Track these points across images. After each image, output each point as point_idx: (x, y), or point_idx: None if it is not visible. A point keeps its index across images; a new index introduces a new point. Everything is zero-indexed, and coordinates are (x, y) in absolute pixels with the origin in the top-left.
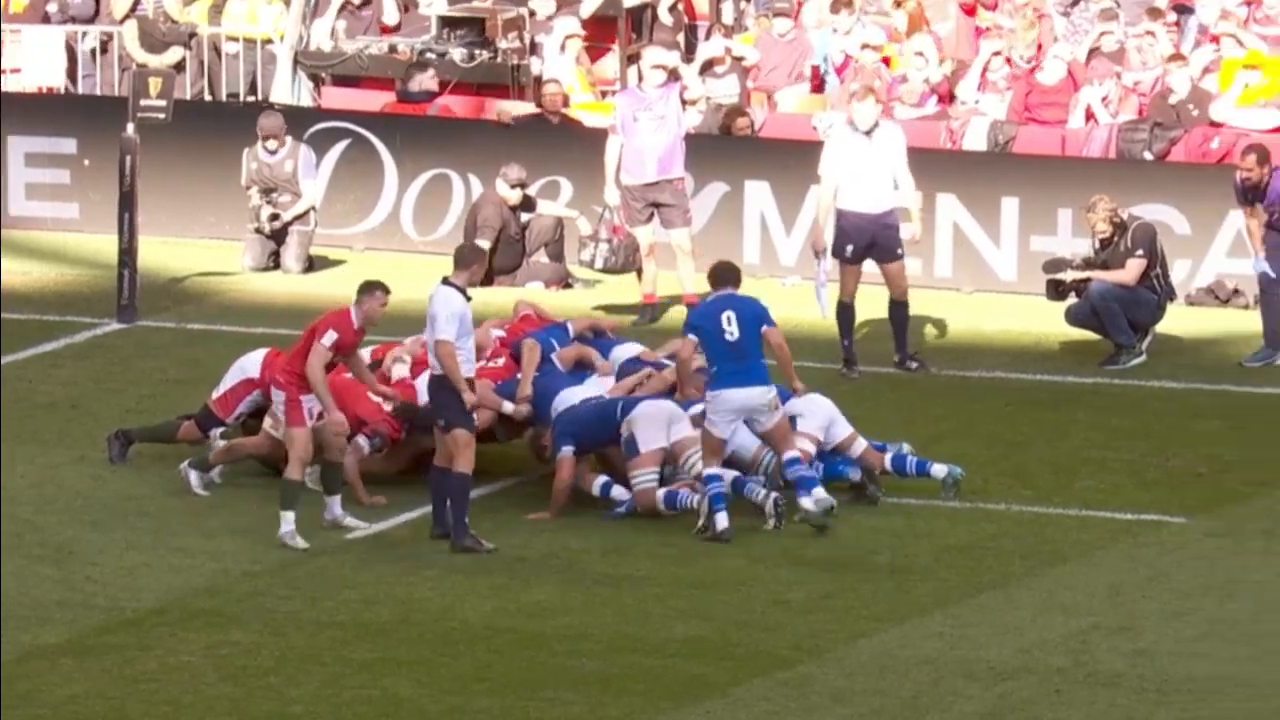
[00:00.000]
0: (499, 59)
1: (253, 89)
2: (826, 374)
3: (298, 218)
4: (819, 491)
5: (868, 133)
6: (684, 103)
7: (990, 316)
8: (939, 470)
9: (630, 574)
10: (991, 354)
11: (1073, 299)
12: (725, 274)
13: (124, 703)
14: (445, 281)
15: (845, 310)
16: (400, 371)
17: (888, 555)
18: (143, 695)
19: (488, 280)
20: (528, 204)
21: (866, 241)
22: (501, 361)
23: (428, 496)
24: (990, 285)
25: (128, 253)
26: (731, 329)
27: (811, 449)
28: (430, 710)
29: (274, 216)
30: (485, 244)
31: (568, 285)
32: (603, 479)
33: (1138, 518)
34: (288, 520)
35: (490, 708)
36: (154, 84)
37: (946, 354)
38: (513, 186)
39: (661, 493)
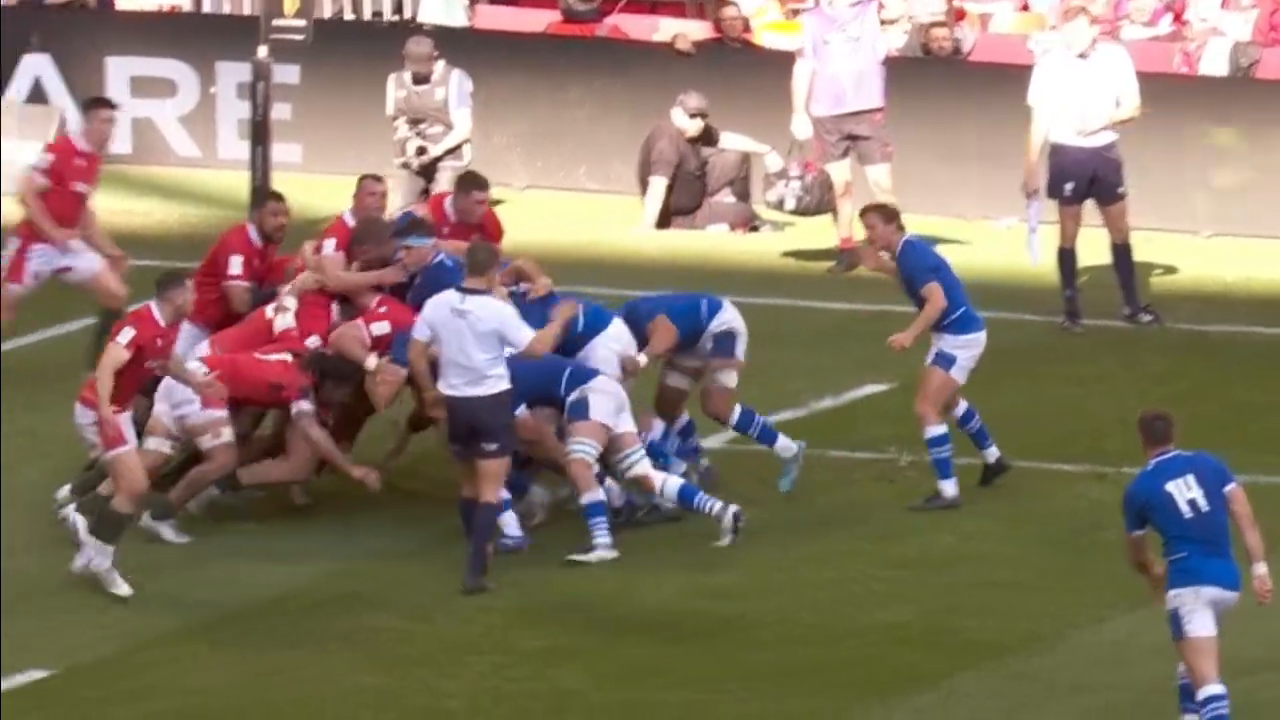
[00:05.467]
0: None
1: (399, 8)
2: (1044, 328)
3: (449, 152)
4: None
5: (1083, 56)
6: (882, 22)
7: (1233, 262)
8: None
9: (829, 553)
10: (1235, 305)
11: None
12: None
13: (259, 696)
14: (466, 290)
15: (1067, 257)
16: (284, 321)
17: (1116, 531)
18: (280, 687)
19: (664, 222)
20: (709, 137)
21: (1087, 178)
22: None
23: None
24: (1232, 228)
25: (261, 192)
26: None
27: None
28: (601, 705)
29: (421, 150)
30: (662, 180)
31: (754, 228)
32: (504, 494)
33: None
34: (105, 554)
35: (669, 702)
36: (290, 2)
37: (1183, 305)
38: (691, 116)
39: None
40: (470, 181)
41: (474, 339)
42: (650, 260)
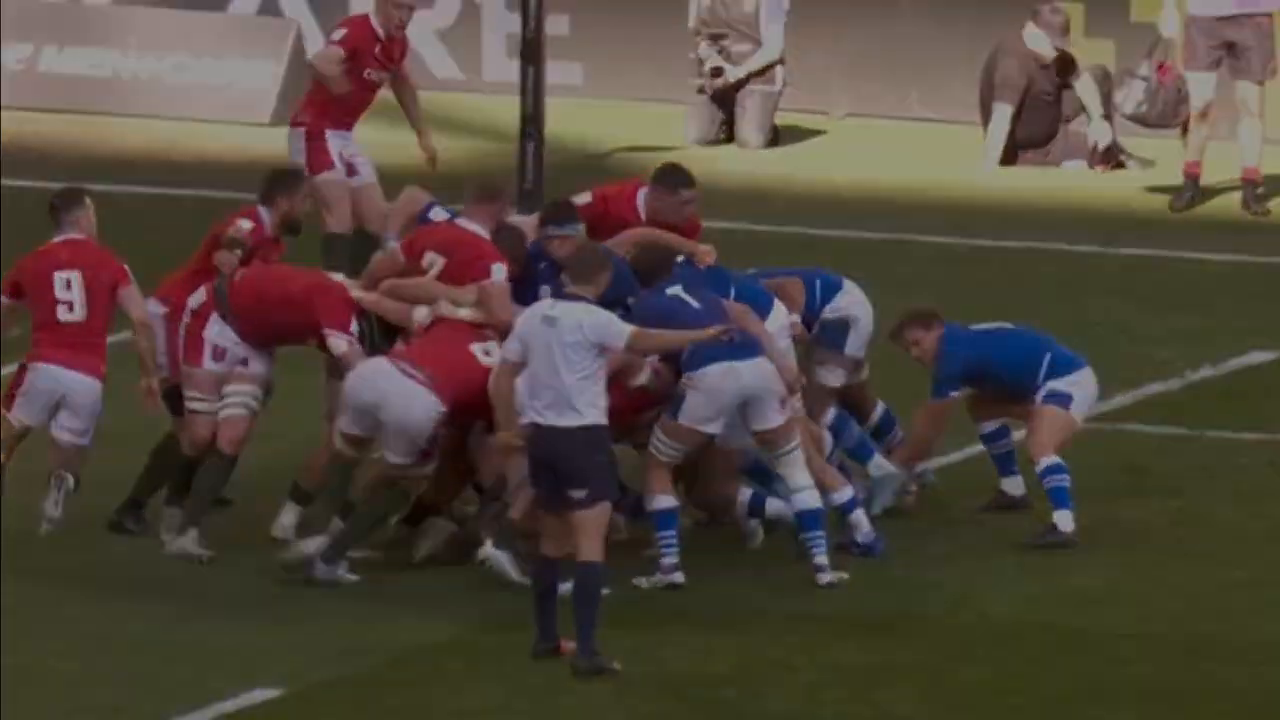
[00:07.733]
0: None
1: None
2: None
3: (755, 74)
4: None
5: None
6: None
7: None
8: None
9: (1208, 552)
10: None
11: None
12: None
13: (531, 719)
14: (567, 296)
15: None
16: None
17: None
18: (557, 710)
19: (1010, 157)
20: (1066, 64)
21: None
22: None
23: None
24: None
25: (532, 120)
26: None
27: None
28: None
29: (716, 71)
30: (1007, 108)
31: (1118, 164)
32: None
33: None
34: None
35: None
36: None
37: None
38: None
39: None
40: (674, 176)
41: (561, 353)
42: (994, 202)
